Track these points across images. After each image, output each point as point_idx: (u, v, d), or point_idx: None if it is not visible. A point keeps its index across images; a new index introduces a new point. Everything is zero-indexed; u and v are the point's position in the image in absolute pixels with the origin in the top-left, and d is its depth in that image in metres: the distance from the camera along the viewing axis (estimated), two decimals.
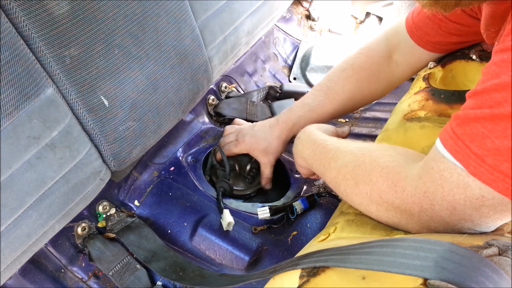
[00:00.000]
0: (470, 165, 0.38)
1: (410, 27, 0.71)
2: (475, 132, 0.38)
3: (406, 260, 0.33)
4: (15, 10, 0.51)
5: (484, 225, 0.41)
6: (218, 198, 0.86)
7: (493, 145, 0.36)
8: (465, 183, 0.39)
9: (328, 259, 0.40)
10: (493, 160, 0.36)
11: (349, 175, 0.53)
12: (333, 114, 0.85)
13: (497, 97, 0.36)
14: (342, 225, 0.54)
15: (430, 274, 0.31)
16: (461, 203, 0.40)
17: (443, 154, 0.41)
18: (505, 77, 0.36)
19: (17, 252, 0.59)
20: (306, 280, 0.40)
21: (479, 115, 0.38)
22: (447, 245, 0.33)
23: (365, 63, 0.80)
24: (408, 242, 0.35)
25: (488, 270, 0.31)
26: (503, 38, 0.39)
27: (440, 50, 0.69)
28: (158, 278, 0.78)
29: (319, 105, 0.83)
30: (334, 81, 0.82)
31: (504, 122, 0.35)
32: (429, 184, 0.42)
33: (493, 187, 0.37)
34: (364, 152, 0.53)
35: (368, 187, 0.49)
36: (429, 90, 0.62)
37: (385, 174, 0.48)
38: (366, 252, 0.37)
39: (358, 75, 0.80)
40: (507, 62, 0.37)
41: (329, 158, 0.58)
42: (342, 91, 0.81)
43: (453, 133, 0.40)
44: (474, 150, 0.38)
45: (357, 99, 0.83)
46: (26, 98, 0.52)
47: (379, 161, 0.50)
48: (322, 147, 0.62)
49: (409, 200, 0.44)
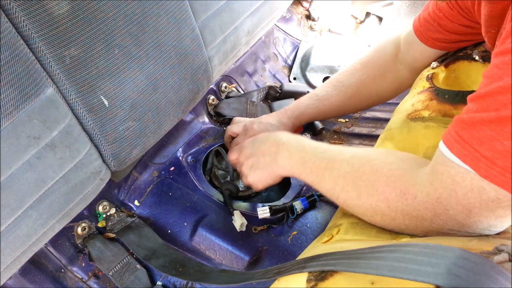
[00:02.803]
0: (480, 168, 0.38)
1: (416, 23, 0.71)
2: (483, 135, 0.38)
3: (417, 266, 0.33)
4: (15, 10, 0.51)
5: (500, 225, 0.42)
6: (226, 201, 0.86)
7: (503, 147, 0.36)
8: (480, 187, 0.39)
9: (336, 263, 0.39)
10: (504, 162, 0.36)
11: (349, 187, 0.52)
12: (340, 107, 0.85)
13: (502, 99, 0.36)
14: (346, 227, 0.53)
15: (443, 282, 0.31)
16: (476, 206, 0.40)
17: (451, 159, 0.41)
18: (508, 79, 0.36)
19: (17, 252, 0.59)
20: (314, 284, 0.39)
21: (485, 118, 0.38)
22: (458, 251, 0.33)
23: (372, 58, 0.81)
24: (419, 247, 0.35)
25: (501, 278, 0.31)
26: (502, 40, 0.39)
27: (440, 47, 0.69)
28: (158, 278, 0.78)
29: (327, 95, 0.84)
30: (343, 73, 0.84)
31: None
32: (441, 190, 0.42)
33: (506, 188, 0.37)
34: (363, 162, 0.52)
35: (373, 198, 0.48)
36: (433, 90, 0.62)
37: (392, 183, 0.47)
38: (376, 257, 0.36)
39: (365, 69, 0.81)
40: (509, 64, 0.37)
41: (322, 168, 0.57)
42: (349, 84, 0.82)
43: (459, 137, 0.40)
44: (484, 153, 0.37)
45: (363, 94, 0.83)
46: (26, 98, 0.52)
47: (382, 171, 0.49)
48: (312, 155, 0.60)
49: (422, 206, 0.44)
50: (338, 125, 1.13)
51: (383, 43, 0.82)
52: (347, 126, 1.12)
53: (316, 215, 0.85)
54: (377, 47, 0.82)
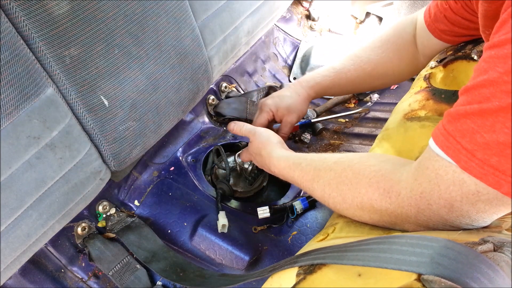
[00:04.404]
0: (461, 160, 0.39)
1: (426, 13, 0.72)
2: (465, 128, 0.38)
3: (402, 256, 0.33)
4: (15, 10, 0.51)
5: (481, 220, 0.42)
6: (217, 199, 0.86)
7: (483, 140, 0.37)
8: (461, 180, 0.39)
9: (325, 257, 0.40)
10: (483, 155, 0.37)
11: (334, 192, 0.53)
12: (355, 82, 0.84)
13: (485, 92, 0.37)
14: (341, 226, 0.54)
15: (425, 270, 0.31)
16: (458, 200, 0.40)
17: (437, 152, 0.42)
18: (492, 73, 0.37)
19: (17, 252, 0.59)
20: (303, 277, 0.40)
21: (468, 111, 0.38)
22: (443, 242, 0.33)
23: (392, 37, 0.81)
24: (405, 239, 0.35)
25: (484, 266, 0.31)
26: (492, 36, 0.40)
27: (445, 40, 0.69)
28: (158, 278, 0.78)
29: (344, 69, 0.83)
30: (362, 49, 0.84)
31: (493, 117, 0.36)
32: (425, 185, 0.42)
33: (484, 181, 0.37)
34: (345, 167, 0.53)
35: (357, 200, 0.50)
36: (429, 89, 0.62)
37: (375, 183, 0.48)
38: (363, 249, 0.37)
39: (385, 47, 0.81)
40: (494, 58, 0.37)
41: (310, 180, 0.58)
42: (368, 60, 0.82)
43: (444, 130, 0.41)
44: (465, 145, 0.38)
45: (380, 72, 0.82)
46: (26, 98, 0.52)
47: (364, 173, 0.50)
48: (300, 170, 0.61)
49: (405, 203, 0.45)
50: (338, 125, 1.13)
51: (402, 22, 0.81)
52: (347, 126, 1.12)
53: (316, 215, 0.85)
54: (397, 26, 0.81)
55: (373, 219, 0.50)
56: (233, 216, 0.85)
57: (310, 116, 1.12)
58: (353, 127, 1.11)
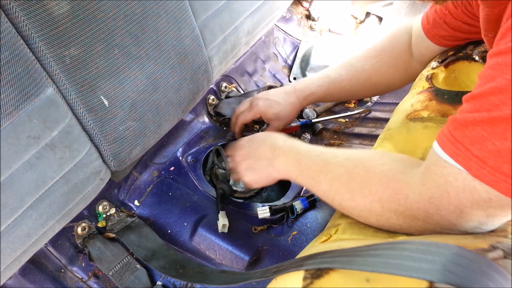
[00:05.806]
0: (472, 168, 0.38)
1: (424, 19, 0.72)
2: (474, 135, 0.38)
3: (413, 263, 0.33)
4: (15, 10, 0.51)
5: (490, 224, 0.42)
6: (217, 199, 0.86)
7: (493, 147, 0.37)
8: (472, 187, 0.39)
9: (333, 261, 0.40)
10: (494, 162, 0.37)
11: (343, 188, 0.52)
12: (349, 92, 0.85)
13: (494, 100, 0.37)
14: (344, 227, 0.54)
15: (437, 278, 0.31)
16: (468, 206, 0.40)
17: (444, 159, 0.41)
18: (501, 80, 0.37)
19: (17, 252, 0.59)
20: (310, 282, 0.39)
21: (477, 119, 0.38)
22: (454, 249, 0.33)
23: (386, 47, 0.81)
24: (415, 245, 0.35)
25: (496, 274, 0.31)
26: (496, 42, 0.40)
27: (446, 45, 0.69)
28: (158, 278, 0.78)
29: (339, 78, 0.84)
30: (356, 58, 0.84)
31: (503, 125, 0.36)
32: (434, 190, 0.42)
33: (496, 188, 0.37)
34: (356, 164, 0.52)
35: (367, 199, 0.49)
36: (432, 90, 0.62)
37: (385, 183, 0.48)
38: (372, 254, 0.37)
39: (379, 56, 0.81)
40: (502, 65, 0.37)
41: (318, 170, 0.57)
42: (362, 70, 0.82)
43: (452, 137, 0.41)
44: (475, 153, 0.38)
45: (374, 82, 0.83)
46: (26, 98, 0.52)
47: (375, 172, 0.49)
48: (308, 158, 0.60)
49: (414, 206, 0.44)
50: (338, 125, 1.13)
51: (396, 31, 0.81)
52: (347, 126, 1.12)
53: (316, 215, 0.85)
54: (391, 35, 0.82)
55: (380, 221, 0.49)
56: (233, 216, 0.85)
57: (310, 116, 1.12)
58: (353, 127, 1.11)
